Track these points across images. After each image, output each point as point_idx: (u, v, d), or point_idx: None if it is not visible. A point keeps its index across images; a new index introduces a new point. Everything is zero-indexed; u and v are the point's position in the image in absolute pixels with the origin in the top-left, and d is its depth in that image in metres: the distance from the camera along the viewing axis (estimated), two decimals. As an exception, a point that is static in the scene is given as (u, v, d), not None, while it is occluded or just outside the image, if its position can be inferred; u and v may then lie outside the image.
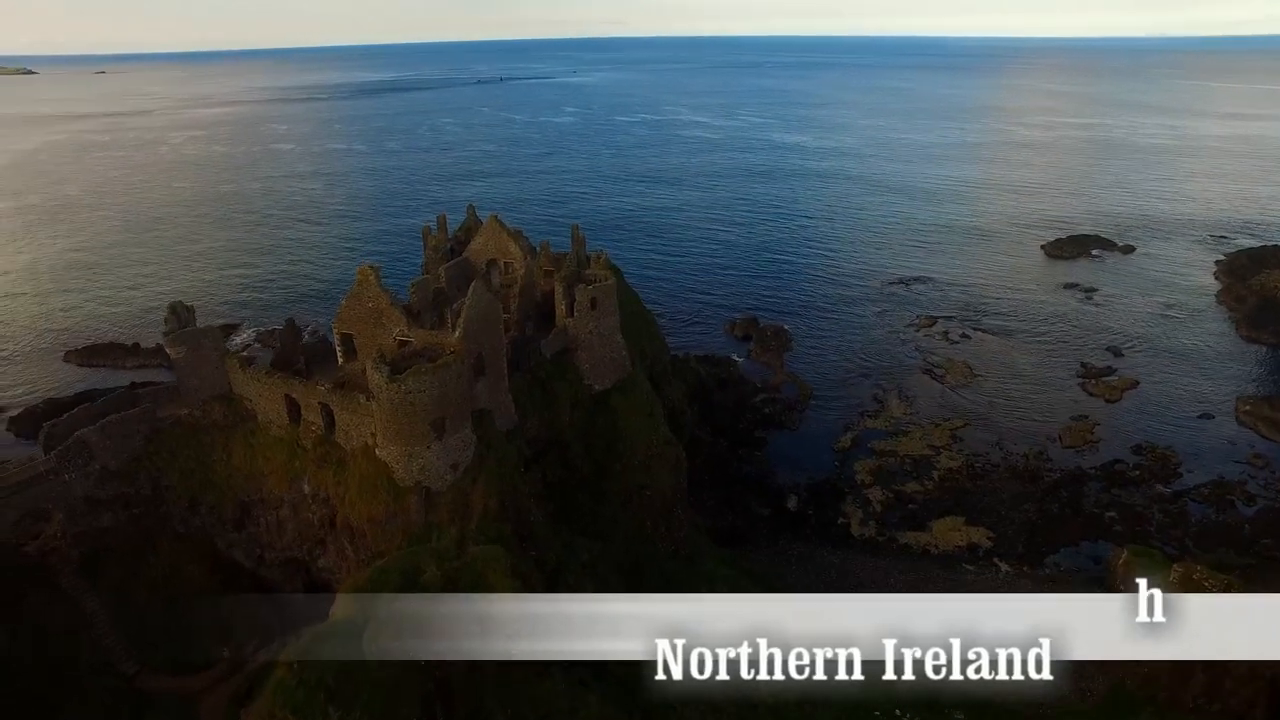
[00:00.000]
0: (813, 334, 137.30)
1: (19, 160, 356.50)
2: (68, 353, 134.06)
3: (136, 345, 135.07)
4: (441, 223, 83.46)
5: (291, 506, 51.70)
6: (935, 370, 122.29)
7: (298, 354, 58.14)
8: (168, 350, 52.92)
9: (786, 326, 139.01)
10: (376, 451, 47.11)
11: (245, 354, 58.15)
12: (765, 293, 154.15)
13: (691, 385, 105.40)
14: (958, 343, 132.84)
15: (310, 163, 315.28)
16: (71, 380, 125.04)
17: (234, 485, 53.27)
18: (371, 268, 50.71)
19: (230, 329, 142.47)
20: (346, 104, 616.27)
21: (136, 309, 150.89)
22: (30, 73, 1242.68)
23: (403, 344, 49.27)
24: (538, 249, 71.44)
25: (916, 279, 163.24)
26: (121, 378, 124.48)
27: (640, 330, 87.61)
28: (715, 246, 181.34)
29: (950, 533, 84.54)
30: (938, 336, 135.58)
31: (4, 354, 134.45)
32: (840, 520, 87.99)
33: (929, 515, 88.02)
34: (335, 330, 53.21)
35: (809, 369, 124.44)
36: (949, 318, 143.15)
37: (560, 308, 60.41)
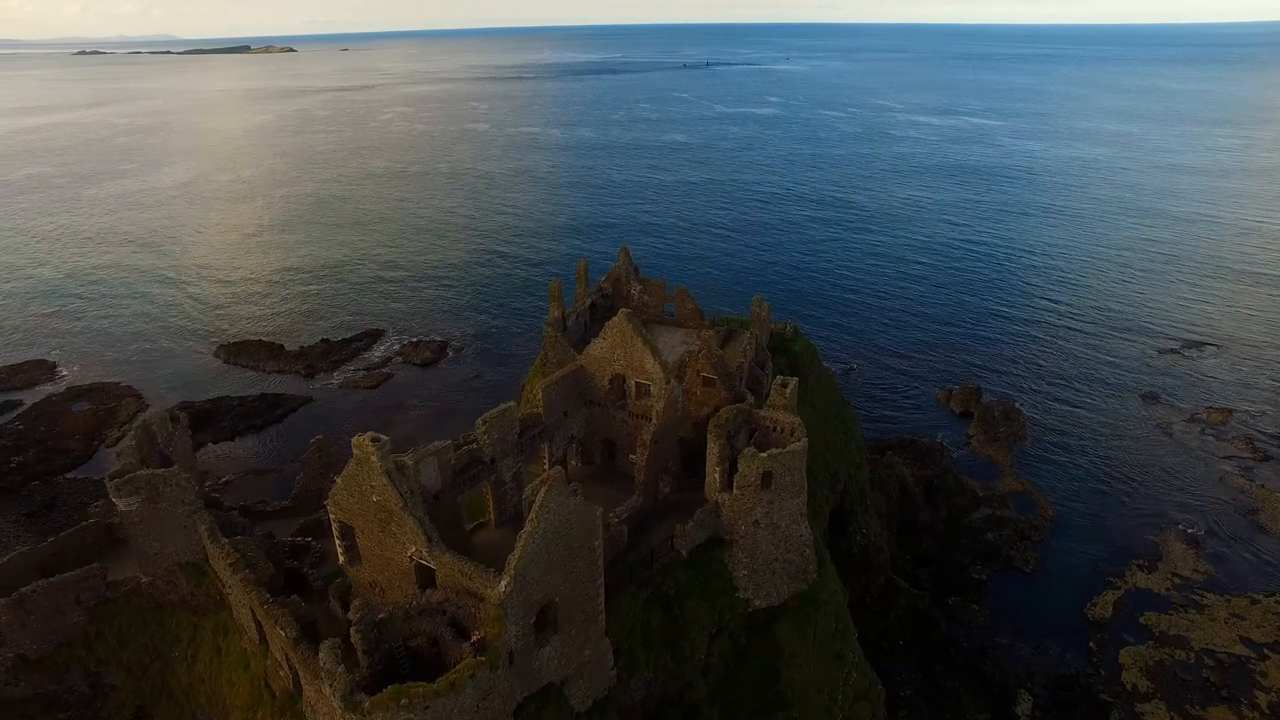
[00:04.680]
0: (1054, 419, 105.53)
1: (251, 131, 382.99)
2: (219, 347, 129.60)
3: (280, 348, 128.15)
4: (581, 274, 63.30)
5: (256, 767, 33.94)
6: (1242, 501, 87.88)
7: (326, 484, 39.87)
8: (114, 500, 36.28)
9: (1019, 405, 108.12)
10: (340, 779, 27.73)
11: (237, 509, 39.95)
12: (990, 356, 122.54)
13: (893, 497, 79.65)
14: (1274, 457, 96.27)
15: (499, 148, 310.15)
16: (212, 380, 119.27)
17: (195, 701, 36.21)
18: (374, 440, 30.67)
19: (375, 335, 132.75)
20: (550, 84, 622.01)
21: (288, 306, 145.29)
22: (292, 50, 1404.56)
23: (421, 572, 29.52)
24: (697, 343, 49.06)
25: (1197, 346, 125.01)
26: (257, 383, 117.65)
27: (834, 440, 63.71)
28: (928, 291, 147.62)
29: (1295, 826, 53.99)
30: (1239, 442, 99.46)
31: (161, 344, 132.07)
32: (1101, 757, 59.76)
33: (1252, 778, 57.78)
34: (331, 514, 34.01)
35: (1049, 474, 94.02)
36: (1255, 414, 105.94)
37: (713, 473, 37.93)
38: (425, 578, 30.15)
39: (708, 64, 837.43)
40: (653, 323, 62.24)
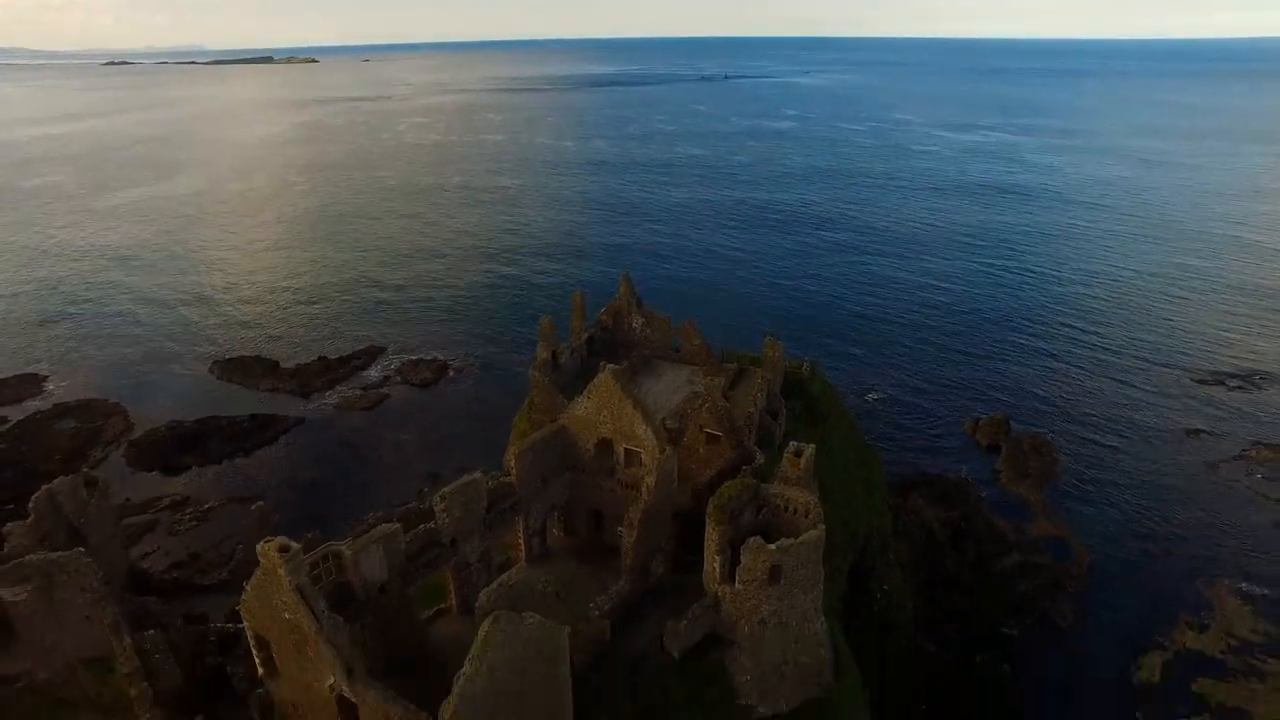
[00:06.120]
0: (1088, 455, 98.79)
1: (268, 140, 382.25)
2: (214, 364, 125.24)
3: (276, 365, 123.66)
4: (577, 306, 57.77)
5: None
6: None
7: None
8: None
9: (1050, 438, 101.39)
10: None
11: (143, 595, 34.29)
12: (1017, 389, 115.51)
13: (917, 545, 73.45)
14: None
15: (511, 160, 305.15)
16: (203, 398, 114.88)
17: (99, 821, 30.75)
18: (282, 550, 25.22)
19: (374, 353, 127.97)
20: (567, 96, 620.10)
21: (287, 324, 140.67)
22: (314, 61, 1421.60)
23: (345, 705, 24.06)
24: (703, 383, 43.29)
25: (1240, 378, 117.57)
26: (249, 402, 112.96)
27: (855, 492, 57.76)
28: (951, 319, 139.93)
29: None
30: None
31: (154, 361, 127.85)
32: None
33: None
34: (246, 625, 28.42)
35: (1084, 516, 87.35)
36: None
37: (712, 562, 31.94)
38: (349, 712, 24.69)
39: (726, 76, 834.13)
40: (656, 359, 56.64)
